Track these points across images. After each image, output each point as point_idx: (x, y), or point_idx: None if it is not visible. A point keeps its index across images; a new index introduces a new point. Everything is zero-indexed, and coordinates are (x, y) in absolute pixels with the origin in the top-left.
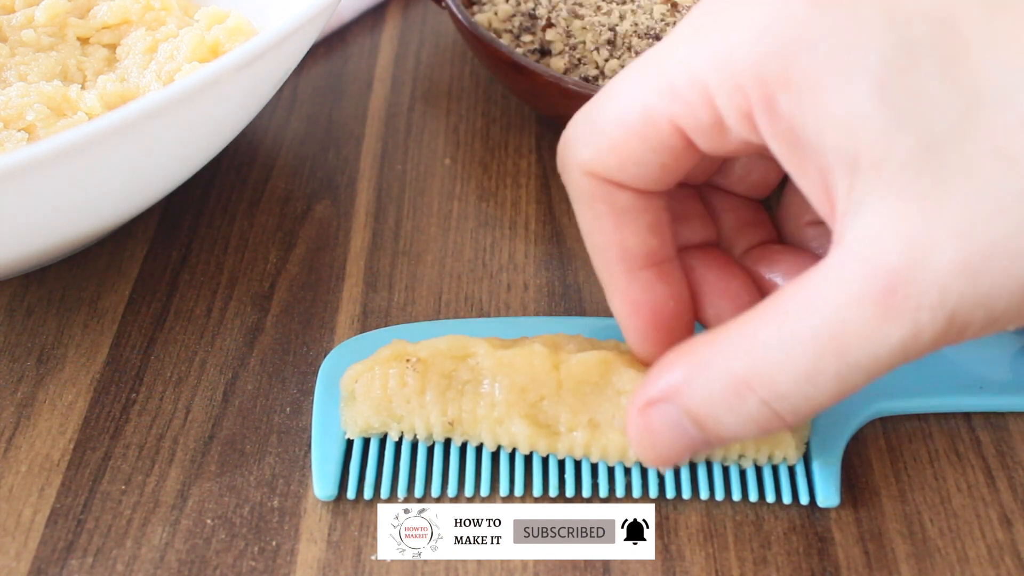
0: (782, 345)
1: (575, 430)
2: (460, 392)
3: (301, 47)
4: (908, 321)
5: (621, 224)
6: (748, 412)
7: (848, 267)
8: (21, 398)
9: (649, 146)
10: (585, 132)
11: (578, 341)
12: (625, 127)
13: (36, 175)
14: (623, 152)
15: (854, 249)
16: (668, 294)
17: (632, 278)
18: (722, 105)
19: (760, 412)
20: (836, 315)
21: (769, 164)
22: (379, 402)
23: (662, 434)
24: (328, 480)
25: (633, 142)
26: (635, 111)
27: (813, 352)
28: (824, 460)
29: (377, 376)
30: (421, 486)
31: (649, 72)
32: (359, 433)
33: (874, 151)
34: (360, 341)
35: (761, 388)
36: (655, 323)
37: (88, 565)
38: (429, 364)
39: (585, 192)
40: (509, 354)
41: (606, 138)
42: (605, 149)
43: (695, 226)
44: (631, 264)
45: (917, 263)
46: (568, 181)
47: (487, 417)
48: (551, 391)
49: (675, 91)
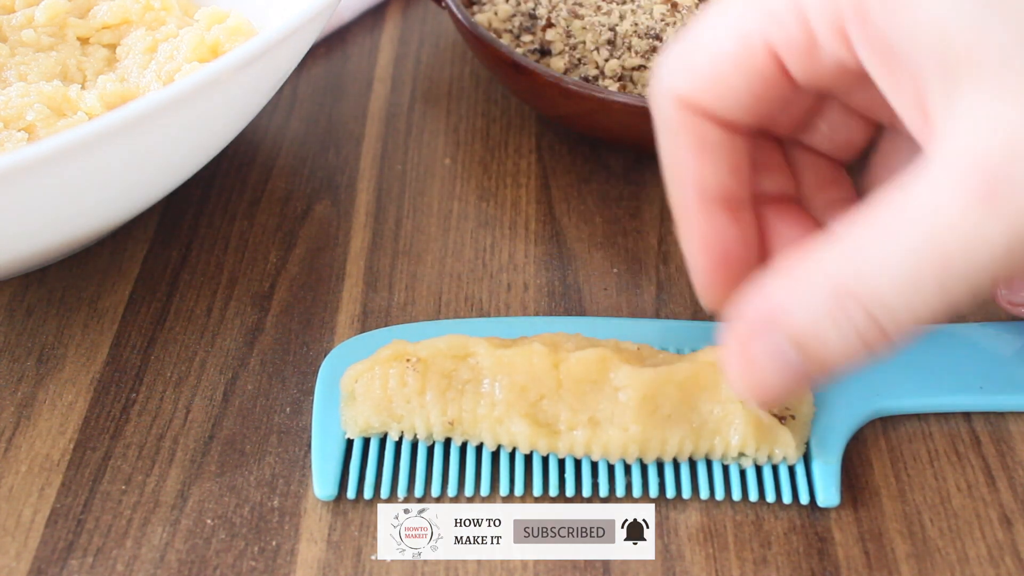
0: (884, 250)
1: (575, 428)
2: (460, 392)
3: (301, 47)
4: (1013, 216)
5: (703, 158)
6: (853, 326)
7: (947, 166)
8: (21, 398)
9: (743, 71)
10: (679, 60)
11: (577, 340)
12: (720, 53)
13: (36, 175)
14: (716, 79)
15: (952, 149)
16: (738, 237)
17: (706, 214)
18: (816, 21)
19: (865, 325)
20: (937, 216)
21: (857, 123)
22: (379, 402)
23: (765, 368)
24: (328, 480)
25: (727, 68)
26: (731, 36)
27: (915, 256)
28: (824, 460)
29: (377, 376)
30: (421, 486)
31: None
32: (359, 433)
33: (969, 50)
34: (360, 341)
35: (865, 296)
36: (722, 264)
37: (88, 565)
38: (429, 364)
39: (673, 122)
40: (509, 353)
41: (699, 65)
42: (699, 76)
43: (775, 177)
44: (707, 200)
45: (1019, 155)
46: (657, 111)
47: (487, 416)
48: (551, 390)
49: (770, 12)
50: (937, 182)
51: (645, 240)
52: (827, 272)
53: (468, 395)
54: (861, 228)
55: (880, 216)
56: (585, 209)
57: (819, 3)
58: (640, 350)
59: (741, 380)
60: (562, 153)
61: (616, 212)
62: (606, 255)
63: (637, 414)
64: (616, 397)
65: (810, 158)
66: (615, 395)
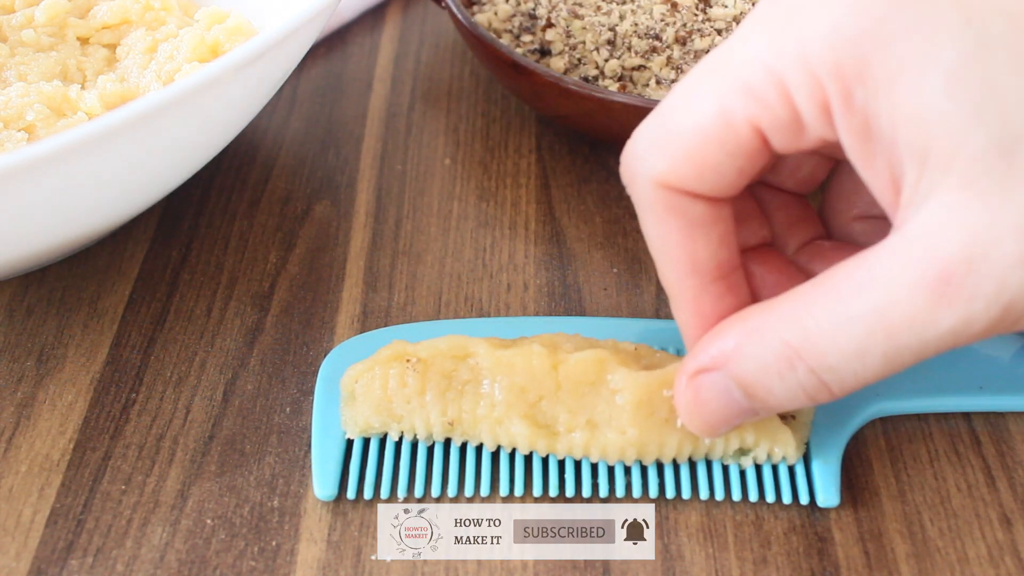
0: (834, 320)
1: (574, 430)
2: (460, 392)
3: (301, 47)
4: (961, 309)
5: (693, 237)
6: (797, 381)
7: (905, 252)
8: (21, 398)
9: (727, 150)
10: (655, 143)
11: (576, 341)
12: (701, 135)
13: (36, 175)
14: (700, 159)
15: (913, 236)
16: (736, 304)
17: (702, 290)
18: (800, 101)
19: (808, 381)
20: (889, 297)
21: (818, 160)
22: (379, 402)
23: (711, 402)
24: (328, 480)
25: (710, 149)
26: (711, 115)
27: (864, 330)
28: (824, 460)
29: (377, 376)
30: (421, 486)
31: (720, 74)
32: (359, 433)
33: (946, 146)
34: (360, 341)
35: (811, 358)
36: None
37: (88, 565)
38: (429, 364)
39: (656, 205)
40: (508, 354)
41: (680, 148)
42: (680, 159)
43: (752, 227)
44: (702, 277)
45: (976, 255)
46: (636, 194)
47: (487, 417)
48: (550, 391)
49: (752, 91)
50: (895, 264)
51: (645, 240)
52: (778, 329)
53: (468, 395)
54: (816, 295)
55: (835, 284)
56: (585, 209)
57: (802, 82)
58: (638, 350)
59: (688, 413)
60: (562, 153)
61: (616, 212)
62: (606, 255)
63: (634, 418)
64: (613, 400)
65: (778, 198)
66: (612, 398)
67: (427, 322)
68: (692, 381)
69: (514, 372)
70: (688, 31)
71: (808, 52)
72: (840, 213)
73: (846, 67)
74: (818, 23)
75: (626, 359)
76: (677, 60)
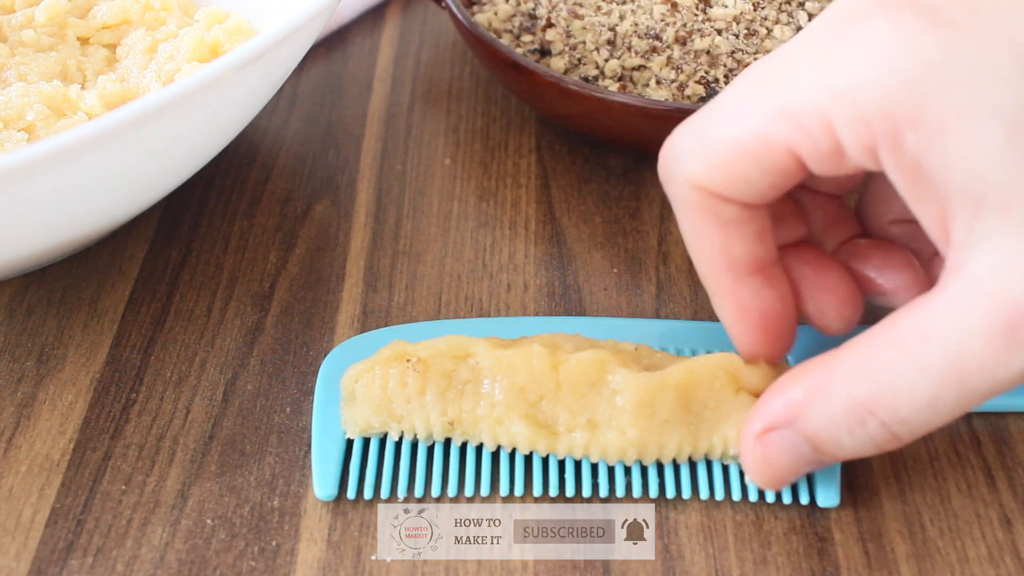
0: (904, 372)
1: (574, 430)
2: (460, 392)
3: (301, 47)
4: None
5: (728, 234)
6: (867, 434)
7: (970, 298)
8: (21, 398)
9: (761, 167)
10: (694, 146)
11: (576, 341)
12: (739, 147)
13: (36, 175)
14: (734, 170)
15: (976, 282)
16: (774, 297)
17: (740, 285)
18: (845, 138)
19: (879, 434)
20: (959, 346)
21: None
22: (379, 402)
23: (780, 459)
24: (328, 480)
25: (746, 162)
26: (751, 133)
27: (936, 380)
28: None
29: (377, 376)
30: (421, 486)
31: (766, 95)
32: (359, 433)
33: (1003, 193)
34: (360, 341)
35: (883, 412)
36: (763, 325)
37: (88, 565)
38: (429, 364)
39: (691, 204)
40: (508, 354)
41: (717, 155)
42: (716, 166)
43: (790, 225)
44: (739, 272)
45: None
46: (672, 192)
47: (487, 417)
48: (550, 391)
49: (796, 119)
50: (961, 313)
51: (645, 240)
52: (846, 386)
53: (468, 395)
54: (882, 347)
55: (900, 336)
56: (585, 209)
57: (849, 121)
58: (638, 350)
59: (757, 469)
60: (562, 153)
61: (616, 212)
62: (606, 255)
63: (634, 418)
64: (614, 400)
65: (815, 199)
66: (612, 398)
67: (427, 322)
68: (761, 439)
69: (514, 372)
70: (688, 31)
71: (858, 93)
72: (877, 216)
73: (897, 110)
74: (871, 63)
75: (626, 359)
76: (677, 60)
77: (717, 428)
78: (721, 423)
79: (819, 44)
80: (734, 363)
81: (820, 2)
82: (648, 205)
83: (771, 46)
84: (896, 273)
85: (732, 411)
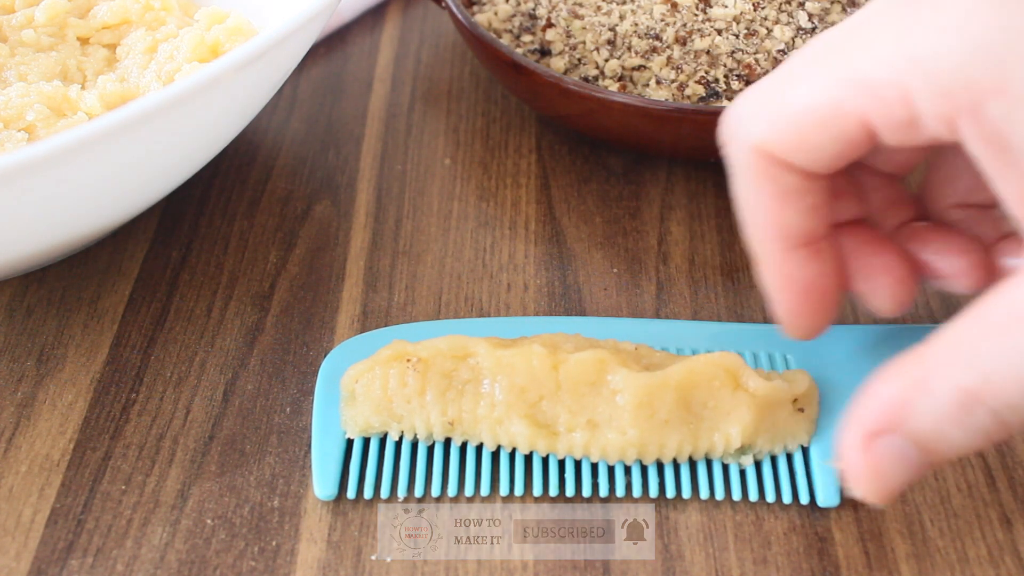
0: (1009, 356)
1: (574, 430)
2: (460, 392)
3: (301, 47)
4: None
5: (784, 204)
6: (977, 425)
7: None
8: (21, 398)
9: (830, 135)
10: (761, 110)
11: (576, 341)
12: (809, 114)
13: (36, 175)
14: (801, 137)
15: None
16: (821, 271)
17: (788, 255)
18: (923, 108)
19: (989, 423)
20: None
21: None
22: (379, 402)
23: (890, 467)
24: (328, 480)
25: (815, 129)
26: (822, 101)
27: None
28: (824, 459)
29: (377, 376)
30: (421, 486)
31: (839, 62)
32: (359, 433)
33: None
34: (360, 341)
35: (992, 399)
36: (806, 298)
37: (88, 565)
38: (429, 364)
39: (751, 168)
40: (508, 354)
41: (785, 120)
42: (782, 130)
43: (847, 203)
44: (788, 242)
45: None
46: (733, 155)
47: (487, 417)
48: (550, 391)
49: (871, 88)
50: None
51: (645, 240)
52: (949, 377)
53: (468, 395)
54: (981, 334)
55: (999, 320)
56: (585, 209)
57: (928, 91)
58: (638, 350)
59: (868, 481)
60: (562, 153)
61: (616, 212)
62: (606, 255)
63: (634, 418)
64: (613, 400)
65: (874, 179)
66: (613, 398)
67: (427, 322)
68: (869, 448)
69: (514, 372)
70: (688, 31)
71: (939, 62)
72: (940, 199)
73: (981, 80)
74: (952, 32)
75: (627, 359)
76: (677, 60)
77: (717, 426)
78: (721, 421)
79: (894, 13)
80: (734, 362)
81: (820, 2)
82: (648, 205)
83: (771, 46)
84: (957, 257)
85: (732, 409)
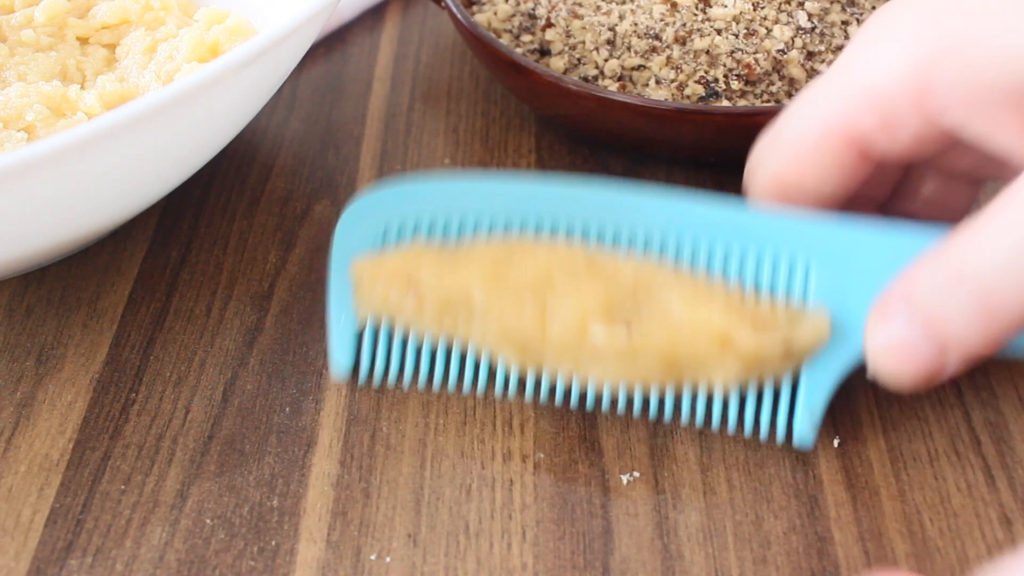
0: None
1: (558, 368)
2: (455, 320)
3: (301, 47)
4: None
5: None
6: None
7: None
8: (20, 398)
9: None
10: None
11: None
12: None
13: (36, 175)
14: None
15: None
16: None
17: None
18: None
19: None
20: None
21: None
22: (383, 306)
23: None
24: (344, 351)
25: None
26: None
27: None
28: (810, 398)
29: (379, 289)
30: (424, 374)
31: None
32: (369, 315)
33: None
34: (375, 201)
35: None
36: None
37: (88, 565)
38: (426, 293)
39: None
40: (500, 306)
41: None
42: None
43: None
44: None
45: None
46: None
47: (480, 346)
48: (536, 343)
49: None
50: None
51: None
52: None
53: (462, 326)
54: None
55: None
56: None
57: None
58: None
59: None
60: (562, 153)
61: None
62: None
63: (617, 370)
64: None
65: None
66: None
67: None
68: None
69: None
70: (688, 31)
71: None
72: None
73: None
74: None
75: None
76: (677, 60)
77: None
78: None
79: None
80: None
81: (820, 1)
82: None
83: (770, 46)
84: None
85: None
